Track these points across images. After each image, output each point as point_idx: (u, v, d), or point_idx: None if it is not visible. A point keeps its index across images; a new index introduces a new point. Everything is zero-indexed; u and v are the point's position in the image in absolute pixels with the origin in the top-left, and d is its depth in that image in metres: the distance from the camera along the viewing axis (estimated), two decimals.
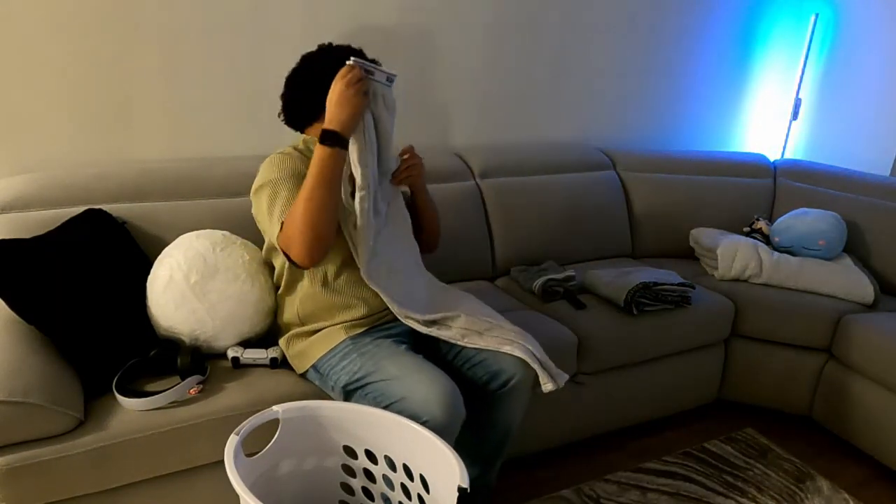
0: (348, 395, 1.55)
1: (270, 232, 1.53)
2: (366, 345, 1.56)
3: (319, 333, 1.60)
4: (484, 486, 1.80)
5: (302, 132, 1.70)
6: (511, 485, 1.96)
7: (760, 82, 3.22)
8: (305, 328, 1.62)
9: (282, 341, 1.68)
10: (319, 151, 1.43)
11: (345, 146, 1.45)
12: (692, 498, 1.99)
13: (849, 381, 2.22)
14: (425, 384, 1.43)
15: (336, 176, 1.44)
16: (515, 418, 1.71)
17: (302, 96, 1.64)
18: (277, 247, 1.50)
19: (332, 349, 1.58)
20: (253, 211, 1.62)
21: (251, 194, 1.60)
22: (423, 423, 1.37)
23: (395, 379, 1.46)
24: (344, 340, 1.58)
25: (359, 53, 1.65)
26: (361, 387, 1.52)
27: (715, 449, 2.23)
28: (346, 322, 1.60)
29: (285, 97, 1.69)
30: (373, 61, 1.60)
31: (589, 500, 1.95)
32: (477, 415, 1.70)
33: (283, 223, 1.47)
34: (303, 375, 1.65)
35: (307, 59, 1.66)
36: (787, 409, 2.40)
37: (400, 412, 1.40)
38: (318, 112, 1.57)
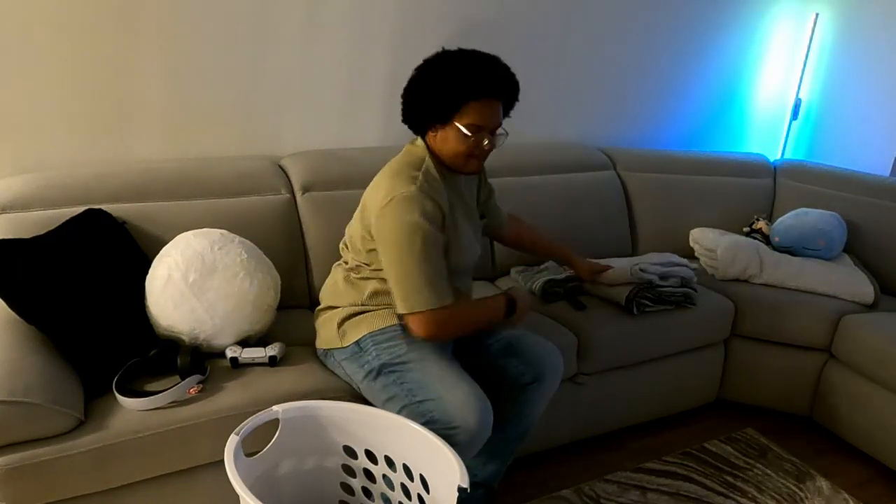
0: (380, 374, 1.54)
1: (406, 296, 1.47)
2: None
3: (377, 312, 1.60)
4: (487, 489, 1.79)
5: (422, 136, 1.60)
6: (511, 485, 1.96)
7: (760, 82, 3.22)
8: (363, 307, 1.62)
9: (325, 315, 1.67)
10: (499, 311, 1.61)
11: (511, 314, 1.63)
12: (692, 498, 1.99)
13: (849, 381, 2.22)
14: (463, 391, 1.44)
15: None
16: (537, 414, 1.74)
17: (421, 102, 1.53)
18: (403, 310, 1.49)
19: (382, 328, 1.57)
20: (376, 239, 1.52)
21: (376, 217, 1.50)
22: (454, 429, 1.37)
23: (436, 377, 1.47)
24: (395, 324, 1.58)
25: (483, 58, 1.52)
26: (400, 371, 1.51)
27: (715, 449, 2.23)
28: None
29: (405, 101, 1.58)
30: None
31: (589, 500, 1.95)
32: (502, 410, 1.71)
33: (429, 310, 1.47)
34: (328, 355, 1.65)
35: (427, 64, 1.54)
36: (787, 409, 2.40)
37: (432, 410, 1.42)
38: (437, 119, 1.52)
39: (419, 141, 1.62)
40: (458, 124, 1.50)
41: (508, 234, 2.01)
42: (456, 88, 1.47)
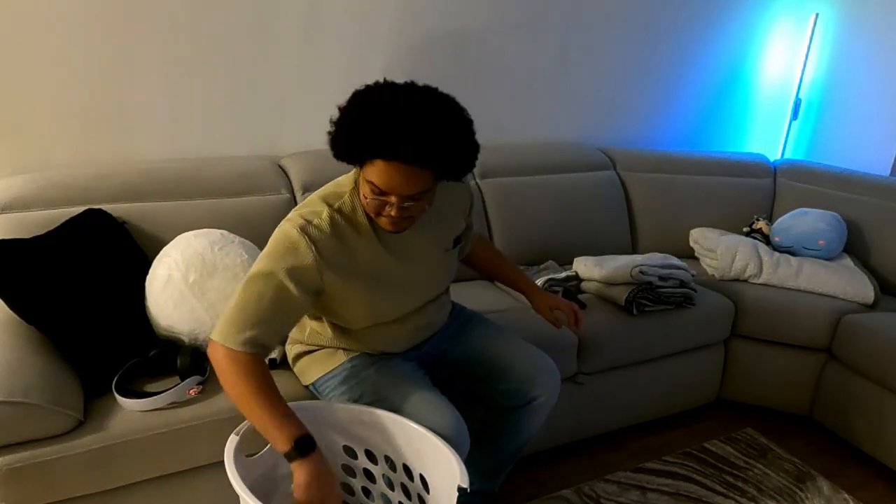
0: None
1: (226, 321, 1.26)
2: (367, 367, 1.47)
3: (320, 352, 1.53)
4: (487, 493, 1.78)
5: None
6: (511, 485, 1.96)
7: (761, 82, 3.22)
8: (307, 346, 1.56)
9: (287, 347, 1.62)
10: (275, 437, 1.19)
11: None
12: (692, 498, 1.99)
13: (849, 381, 2.22)
14: (430, 416, 1.36)
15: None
16: (535, 430, 1.67)
17: (335, 140, 1.29)
18: (217, 329, 1.27)
19: (330, 371, 1.50)
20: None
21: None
22: None
23: (399, 411, 1.38)
24: (343, 363, 1.49)
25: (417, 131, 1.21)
26: None
27: (715, 449, 2.23)
28: (346, 348, 1.52)
29: (332, 134, 1.30)
30: None
31: (589, 500, 1.95)
32: (494, 429, 1.66)
33: (221, 343, 1.25)
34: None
35: (353, 99, 1.28)
36: (787, 409, 2.40)
37: None
38: (362, 158, 1.27)
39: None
40: (364, 176, 1.27)
41: (473, 261, 1.79)
42: (362, 140, 1.22)
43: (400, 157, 1.21)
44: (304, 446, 1.20)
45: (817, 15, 3.10)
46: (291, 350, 1.60)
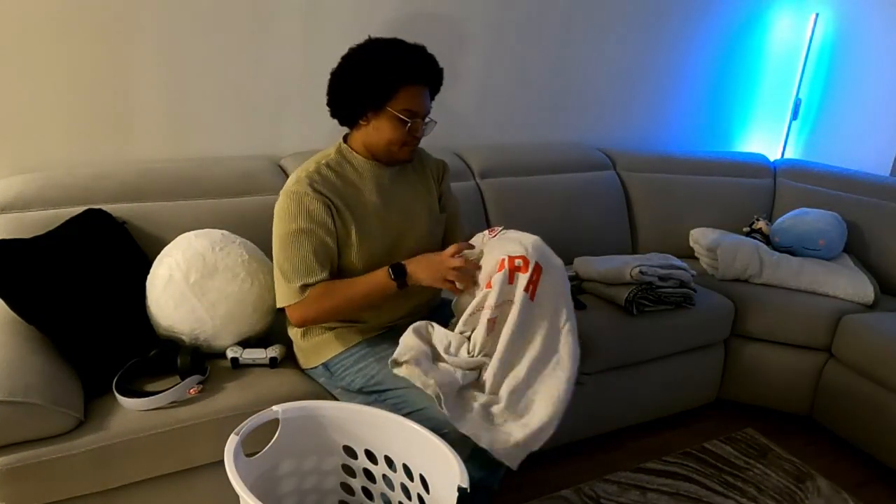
0: (361, 393, 1.53)
1: (284, 283, 1.48)
2: (384, 350, 1.53)
3: (334, 331, 1.59)
4: (487, 489, 1.79)
5: (351, 128, 1.61)
6: (511, 485, 1.96)
7: (760, 82, 3.22)
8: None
9: (292, 331, 1.66)
10: (381, 277, 1.45)
11: (403, 286, 1.47)
12: (692, 498, 1.99)
13: (849, 381, 2.22)
14: None
15: (381, 300, 1.50)
16: None
17: (344, 93, 1.54)
18: (280, 298, 1.50)
19: (347, 349, 1.56)
20: (273, 250, 1.53)
21: (273, 230, 1.52)
22: (444, 434, 1.35)
23: (416, 387, 1.44)
24: (360, 343, 1.56)
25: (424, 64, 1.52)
26: (379, 391, 1.50)
27: (715, 449, 2.23)
28: (359, 325, 1.58)
29: (330, 92, 1.58)
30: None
31: (589, 500, 1.95)
32: None
33: (306, 289, 1.46)
34: (305, 371, 1.64)
35: (359, 50, 1.54)
36: (787, 409, 2.40)
37: (421, 421, 1.38)
38: (371, 107, 1.50)
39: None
40: (392, 111, 1.48)
41: None
42: (391, 74, 1.46)
43: (426, 79, 1.51)
44: (396, 270, 1.46)
45: (817, 15, 3.10)
46: (297, 330, 1.63)
